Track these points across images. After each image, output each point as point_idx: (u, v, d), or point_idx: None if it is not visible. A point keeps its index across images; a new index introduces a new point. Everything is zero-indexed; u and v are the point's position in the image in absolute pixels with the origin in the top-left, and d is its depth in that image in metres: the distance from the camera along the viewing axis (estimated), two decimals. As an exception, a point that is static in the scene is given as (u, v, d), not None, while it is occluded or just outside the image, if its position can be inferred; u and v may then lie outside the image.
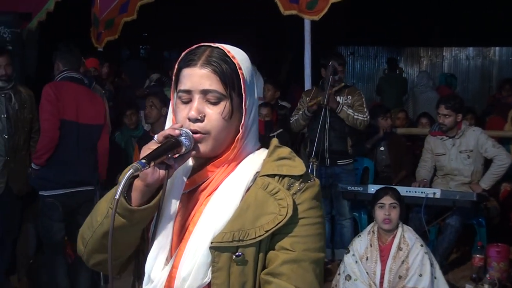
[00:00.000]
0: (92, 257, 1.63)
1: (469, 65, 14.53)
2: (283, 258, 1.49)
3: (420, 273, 4.04)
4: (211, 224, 1.50)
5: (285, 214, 1.48)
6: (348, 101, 5.64)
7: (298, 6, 5.77)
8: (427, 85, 9.44)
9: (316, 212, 1.55)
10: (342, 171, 5.68)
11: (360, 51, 15.21)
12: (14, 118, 4.90)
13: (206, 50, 1.54)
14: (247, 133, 1.58)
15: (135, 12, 7.13)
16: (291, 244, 1.50)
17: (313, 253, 1.52)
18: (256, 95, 1.62)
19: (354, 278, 4.19)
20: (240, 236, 1.47)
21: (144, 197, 1.51)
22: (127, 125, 6.29)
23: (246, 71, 1.55)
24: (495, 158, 5.40)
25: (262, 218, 1.48)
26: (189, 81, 1.53)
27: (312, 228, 1.53)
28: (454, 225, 5.18)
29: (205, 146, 1.54)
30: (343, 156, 5.63)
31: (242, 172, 1.56)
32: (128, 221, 1.50)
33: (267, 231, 1.47)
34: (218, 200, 1.53)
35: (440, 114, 5.44)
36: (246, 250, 1.48)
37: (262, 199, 1.50)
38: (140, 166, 1.41)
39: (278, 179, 1.53)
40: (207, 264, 1.49)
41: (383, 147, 6.54)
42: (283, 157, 1.56)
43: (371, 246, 4.21)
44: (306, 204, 1.53)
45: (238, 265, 1.48)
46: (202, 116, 1.52)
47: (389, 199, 4.21)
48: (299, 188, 1.53)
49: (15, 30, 6.92)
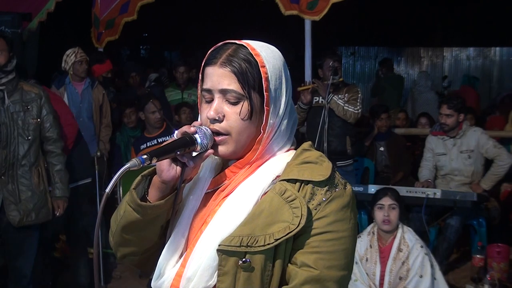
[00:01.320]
0: (118, 250, 1.63)
1: (469, 65, 14.54)
2: (305, 277, 1.41)
3: (421, 274, 4.03)
4: (221, 226, 1.46)
5: (297, 224, 1.39)
6: (345, 98, 5.57)
7: (299, 7, 5.77)
8: (426, 86, 9.45)
9: (344, 225, 1.45)
10: (341, 173, 5.61)
11: (360, 52, 15.22)
12: (8, 123, 3.96)
13: (229, 48, 1.50)
14: (273, 134, 1.51)
15: (135, 12, 7.14)
16: (315, 261, 1.41)
17: (339, 271, 1.43)
18: (288, 93, 1.54)
19: (354, 279, 4.18)
20: (249, 242, 1.40)
21: (162, 193, 1.50)
22: (126, 124, 6.27)
23: (271, 69, 1.49)
24: (496, 159, 5.40)
25: (274, 226, 1.41)
26: (210, 80, 1.49)
27: (337, 243, 1.43)
28: (455, 225, 5.18)
29: (226, 148, 1.50)
30: (342, 156, 5.60)
31: (261, 175, 1.50)
32: (142, 217, 1.50)
33: (276, 240, 1.40)
34: (232, 203, 1.48)
35: (442, 114, 5.43)
36: (254, 257, 1.41)
37: (277, 205, 1.43)
38: (139, 161, 1.37)
39: (299, 186, 1.45)
40: (213, 267, 1.45)
41: (383, 147, 6.54)
42: (308, 161, 1.49)
43: (370, 247, 4.21)
44: (332, 216, 1.43)
45: (244, 271, 1.42)
46: (221, 116, 1.49)
47: (388, 200, 4.20)
48: (324, 198, 1.44)
49: (15, 30, 6.91)
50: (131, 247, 1.60)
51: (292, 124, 1.56)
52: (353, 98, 5.55)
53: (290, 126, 1.56)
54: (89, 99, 6.15)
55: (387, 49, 14.90)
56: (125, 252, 1.62)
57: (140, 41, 15.18)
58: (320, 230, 1.42)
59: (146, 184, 1.54)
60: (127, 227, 1.54)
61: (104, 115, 6.30)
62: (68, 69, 6.04)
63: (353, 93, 5.58)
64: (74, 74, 6.04)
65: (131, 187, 1.53)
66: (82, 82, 6.13)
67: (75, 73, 6.03)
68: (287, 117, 1.53)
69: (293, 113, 1.56)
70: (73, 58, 5.98)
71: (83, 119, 6.13)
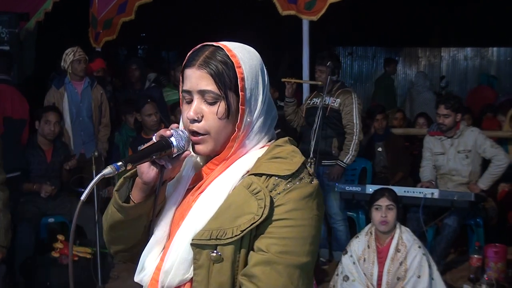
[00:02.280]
0: (110, 247, 1.73)
1: (467, 66, 14.55)
2: (256, 259, 1.47)
3: (419, 274, 4.03)
4: (195, 221, 1.52)
5: (260, 215, 1.45)
6: (335, 104, 5.52)
7: (296, 7, 5.77)
8: (424, 86, 9.46)
9: (304, 214, 1.49)
10: (326, 171, 5.61)
11: (358, 51, 15.22)
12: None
13: (207, 50, 1.55)
14: (249, 132, 1.57)
15: (133, 12, 7.15)
16: (267, 246, 1.47)
17: (292, 257, 1.47)
18: (265, 92, 1.59)
19: (352, 279, 4.19)
20: (218, 234, 1.47)
21: (144, 194, 1.57)
22: (129, 124, 6.27)
23: (247, 69, 1.54)
24: (494, 159, 5.40)
25: (241, 218, 1.47)
26: (189, 81, 1.55)
27: (294, 230, 1.48)
28: (452, 225, 5.18)
29: (205, 146, 1.57)
30: (327, 156, 5.56)
31: (233, 171, 1.56)
32: (124, 217, 1.59)
33: (242, 231, 1.46)
34: (205, 198, 1.54)
35: (440, 114, 5.42)
36: (224, 249, 1.48)
37: (244, 198, 1.49)
38: (114, 168, 1.43)
39: (264, 179, 1.50)
40: (188, 260, 1.52)
41: (380, 148, 6.54)
42: (277, 157, 1.54)
43: (368, 248, 4.21)
44: (290, 204, 1.48)
45: (216, 263, 1.49)
46: (200, 117, 1.54)
47: (385, 201, 4.20)
48: (284, 188, 1.49)
49: (13, 30, 6.92)
50: (120, 244, 1.70)
51: (270, 121, 1.62)
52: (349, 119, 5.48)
53: (268, 124, 1.61)
54: (89, 98, 6.16)
55: (385, 49, 14.90)
56: (116, 249, 1.72)
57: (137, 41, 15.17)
58: (277, 217, 1.47)
59: (130, 185, 1.61)
60: (113, 226, 1.64)
61: (103, 115, 6.31)
62: (67, 68, 6.04)
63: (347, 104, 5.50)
64: (73, 73, 6.05)
65: (114, 189, 1.61)
66: (82, 81, 6.13)
67: (73, 72, 6.03)
68: (264, 115, 1.59)
69: (271, 111, 1.62)
70: (72, 57, 5.98)
71: (83, 119, 6.14)
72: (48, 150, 5.47)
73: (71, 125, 6.10)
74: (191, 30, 11.03)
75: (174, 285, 1.55)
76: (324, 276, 5.26)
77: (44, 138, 5.42)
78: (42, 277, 4.85)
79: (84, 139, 6.16)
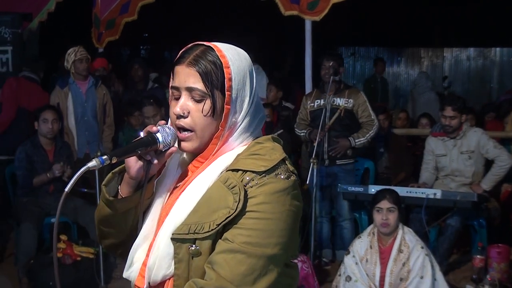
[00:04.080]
0: (101, 241, 1.78)
1: (469, 66, 14.52)
2: (221, 248, 1.50)
3: (421, 275, 4.03)
4: (175, 217, 1.56)
5: (235, 209, 1.49)
6: (349, 105, 5.55)
7: (299, 7, 5.76)
8: (425, 86, 9.44)
9: (273, 208, 1.51)
10: (341, 171, 5.63)
11: (360, 52, 15.21)
12: None
13: (198, 49, 1.59)
14: (234, 131, 1.60)
15: (136, 12, 7.14)
16: (233, 235, 1.50)
17: (256, 248, 1.49)
18: (253, 94, 1.62)
19: (354, 279, 4.18)
20: (196, 228, 1.51)
21: (132, 188, 1.62)
22: (133, 126, 6.27)
23: (235, 70, 1.58)
24: (496, 159, 5.39)
25: (218, 212, 1.51)
26: (178, 78, 1.60)
27: (261, 222, 1.50)
28: (455, 225, 5.17)
29: (190, 144, 1.61)
30: (341, 157, 5.60)
31: (214, 168, 1.59)
32: (113, 211, 1.63)
33: (218, 225, 1.50)
34: (186, 195, 1.59)
35: (446, 116, 5.38)
36: (202, 243, 1.52)
37: (221, 193, 1.52)
38: (99, 162, 1.48)
39: (240, 174, 1.54)
40: (170, 255, 1.55)
41: (383, 148, 6.53)
42: (255, 153, 1.57)
43: (371, 248, 4.20)
44: (260, 198, 1.51)
45: (195, 257, 1.52)
46: (186, 113, 1.59)
47: (386, 204, 4.19)
48: (257, 182, 1.52)
49: (16, 30, 6.92)
50: (110, 239, 1.74)
51: (257, 122, 1.65)
52: (366, 115, 5.56)
53: (254, 125, 1.64)
54: (94, 98, 6.17)
55: (387, 50, 14.89)
56: (107, 243, 1.76)
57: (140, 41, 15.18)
58: (247, 209, 1.51)
59: (119, 181, 1.66)
60: (103, 221, 1.69)
61: (107, 115, 6.31)
62: (69, 68, 6.05)
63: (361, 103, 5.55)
64: (76, 73, 6.05)
65: (102, 183, 1.66)
66: (86, 81, 6.14)
67: (76, 71, 6.03)
68: (250, 116, 1.62)
69: (259, 112, 1.65)
70: (73, 57, 5.99)
71: (87, 118, 6.14)
72: (50, 150, 5.49)
73: (75, 125, 6.11)
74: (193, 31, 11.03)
75: (158, 280, 1.58)
76: (327, 276, 5.26)
77: (45, 137, 5.43)
78: (44, 277, 4.85)
79: (89, 139, 6.16)
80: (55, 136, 5.51)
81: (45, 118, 5.39)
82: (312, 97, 5.72)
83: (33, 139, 5.50)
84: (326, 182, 5.63)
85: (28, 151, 5.41)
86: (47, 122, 5.39)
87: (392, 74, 14.79)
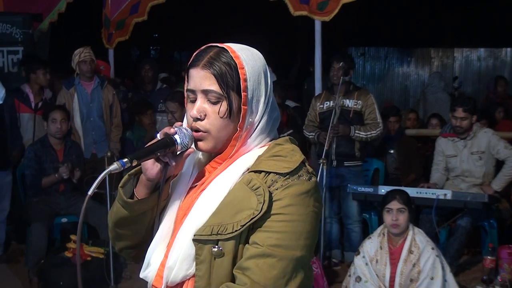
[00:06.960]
0: (115, 244, 1.77)
1: (480, 66, 14.45)
2: (251, 253, 1.50)
3: (432, 276, 4.02)
4: (196, 217, 1.56)
5: (260, 210, 1.49)
6: (358, 106, 5.53)
7: (309, 7, 5.75)
8: (438, 86, 9.39)
9: (299, 210, 1.52)
10: (348, 172, 5.61)
11: (370, 52, 15.17)
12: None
13: (212, 51, 1.59)
14: (252, 131, 1.60)
15: (145, 13, 7.16)
16: (261, 239, 1.50)
17: (286, 250, 1.50)
18: (268, 93, 1.62)
19: (364, 280, 4.18)
20: (219, 230, 1.51)
21: (149, 190, 1.62)
22: (145, 125, 6.28)
23: (250, 71, 1.58)
24: (507, 160, 5.36)
25: (241, 213, 1.50)
26: (193, 81, 1.59)
27: (289, 225, 1.51)
28: (465, 226, 5.15)
29: (206, 144, 1.60)
30: (350, 158, 5.58)
31: (234, 169, 1.59)
32: (129, 213, 1.63)
33: (242, 226, 1.49)
34: (207, 195, 1.58)
35: (457, 117, 5.36)
36: (225, 244, 1.52)
37: (244, 194, 1.52)
38: (120, 165, 1.48)
39: (264, 176, 1.54)
40: (191, 256, 1.55)
41: (393, 149, 6.51)
42: (277, 155, 1.57)
43: (381, 249, 4.19)
44: (286, 200, 1.51)
45: (217, 258, 1.52)
46: (203, 115, 1.59)
47: (396, 204, 4.18)
48: (282, 184, 1.52)
49: (26, 31, 6.95)
50: (125, 241, 1.73)
51: (273, 122, 1.65)
52: (372, 118, 5.52)
53: (270, 124, 1.64)
54: (99, 99, 6.18)
55: (397, 50, 14.85)
56: (121, 246, 1.76)
57: (150, 42, 15.23)
58: (273, 212, 1.51)
59: (135, 182, 1.65)
60: (118, 222, 1.68)
61: (115, 115, 6.32)
62: (75, 68, 6.09)
63: (369, 105, 5.52)
64: (81, 74, 6.09)
65: (118, 185, 1.65)
66: (91, 82, 6.16)
67: (81, 72, 6.07)
68: (267, 116, 1.62)
69: (274, 111, 1.66)
70: (78, 58, 6.03)
71: (93, 119, 6.16)
72: (60, 150, 5.51)
73: (81, 125, 6.13)
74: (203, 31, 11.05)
75: (177, 280, 1.58)
76: (336, 277, 5.25)
77: (54, 137, 5.47)
78: (55, 277, 4.87)
79: (96, 138, 6.18)
80: (64, 136, 5.53)
81: (54, 118, 5.43)
82: (321, 99, 5.70)
83: (42, 139, 5.54)
84: (334, 183, 5.62)
85: (37, 151, 5.45)
86: (55, 122, 5.42)
87: (402, 75, 14.75)
